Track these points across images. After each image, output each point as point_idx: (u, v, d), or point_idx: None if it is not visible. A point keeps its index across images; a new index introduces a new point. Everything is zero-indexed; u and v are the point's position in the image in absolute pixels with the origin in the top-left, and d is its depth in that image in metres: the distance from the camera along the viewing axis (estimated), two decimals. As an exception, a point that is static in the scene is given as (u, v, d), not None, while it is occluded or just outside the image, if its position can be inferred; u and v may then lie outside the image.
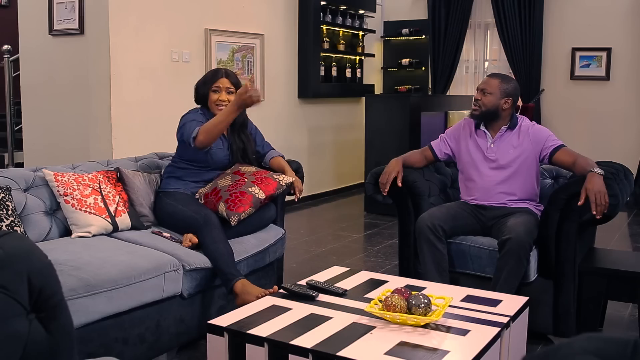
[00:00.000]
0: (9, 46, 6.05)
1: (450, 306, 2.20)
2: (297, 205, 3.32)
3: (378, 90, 7.65)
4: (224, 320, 2.08)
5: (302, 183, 3.40)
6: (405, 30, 7.49)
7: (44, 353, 1.47)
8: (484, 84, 3.11)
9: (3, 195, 2.55)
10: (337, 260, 4.33)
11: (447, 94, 7.32)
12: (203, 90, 3.16)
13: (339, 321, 2.07)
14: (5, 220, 2.50)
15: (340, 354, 1.83)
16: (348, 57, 7.04)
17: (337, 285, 2.43)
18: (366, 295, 2.35)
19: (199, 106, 3.23)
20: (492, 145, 3.11)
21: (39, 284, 1.48)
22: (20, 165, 5.66)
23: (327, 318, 2.10)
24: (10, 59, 6.04)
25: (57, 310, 1.52)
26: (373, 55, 7.40)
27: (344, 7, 6.73)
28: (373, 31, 7.33)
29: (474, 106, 3.12)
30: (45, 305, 1.49)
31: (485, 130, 3.14)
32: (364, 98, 6.64)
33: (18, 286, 1.44)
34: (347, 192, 7.17)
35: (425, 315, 2.06)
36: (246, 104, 2.93)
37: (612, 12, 6.55)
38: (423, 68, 7.50)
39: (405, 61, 7.52)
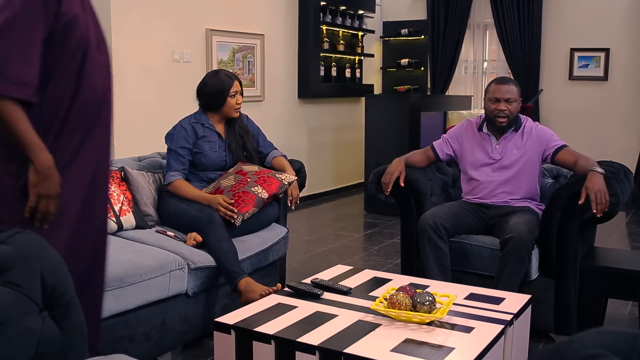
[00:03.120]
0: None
1: (454, 304, 2.23)
2: (297, 205, 3.34)
3: (377, 90, 7.67)
4: (231, 318, 2.10)
5: (305, 181, 3.43)
6: (404, 31, 7.51)
7: (56, 350, 1.49)
8: (508, 94, 3.07)
9: (9, 194, 2.56)
10: (338, 259, 4.35)
11: (446, 94, 7.34)
12: (221, 99, 3.17)
13: (344, 319, 2.09)
14: (11, 219, 2.51)
15: (346, 351, 1.85)
16: (347, 57, 7.06)
17: (341, 283, 2.45)
18: (370, 294, 2.37)
19: (196, 110, 3.25)
20: (496, 146, 3.14)
21: (51, 282, 1.50)
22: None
23: (333, 316, 2.12)
24: (11, 58, 6.04)
25: (69, 308, 1.54)
26: (372, 56, 7.42)
27: (344, 8, 6.75)
28: (372, 31, 7.35)
29: (502, 118, 3.07)
30: (57, 303, 1.51)
31: (489, 133, 3.16)
32: (363, 98, 6.66)
33: (31, 284, 1.46)
34: (347, 192, 7.19)
35: (430, 312, 2.08)
36: (213, 207, 2.97)
37: (610, 13, 6.58)
38: (422, 68, 7.53)
39: (404, 61, 7.54)
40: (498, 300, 2.32)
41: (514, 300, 2.33)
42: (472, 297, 2.35)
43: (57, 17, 1.74)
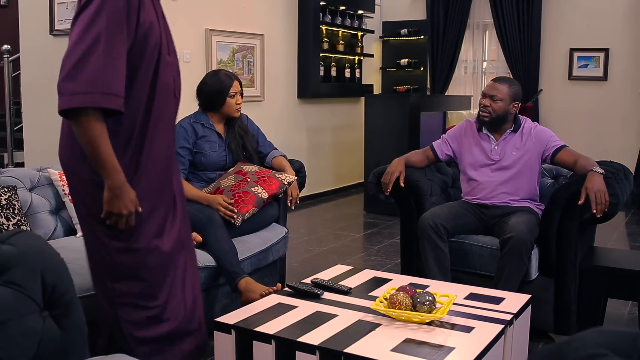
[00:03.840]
0: (9, 46, 6.06)
1: (454, 304, 2.23)
2: (297, 205, 3.34)
3: (377, 90, 7.67)
4: (231, 317, 2.10)
5: (305, 181, 3.43)
6: (404, 31, 7.52)
7: (57, 350, 1.50)
8: (493, 90, 3.08)
9: (9, 194, 2.57)
10: (337, 259, 4.36)
11: (446, 94, 7.35)
12: (220, 99, 3.17)
13: (344, 319, 2.10)
14: (11, 219, 2.51)
15: (347, 350, 1.85)
16: (347, 57, 7.06)
17: (341, 283, 2.46)
18: (370, 293, 2.37)
19: (197, 110, 3.25)
20: (495, 147, 3.14)
21: (52, 282, 1.50)
22: (20, 165, 5.66)
23: (333, 316, 2.12)
24: (10, 58, 6.04)
25: (69, 308, 1.54)
26: (372, 56, 7.42)
27: (343, 8, 6.75)
28: (372, 31, 7.35)
29: (483, 112, 3.09)
30: (58, 303, 1.51)
31: (489, 134, 3.17)
32: (363, 98, 6.66)
33: (32, 284, 1.46)
34: (347, 192, 7.20)
35: (430, 312, 2.09)
36: (213, 207, 2.97)
37: (610, 13, 6.59)
38: (422, 68, 7.53)
39: (404, 61, 7.55)
40: (498, 300, 2.32)
41: (514, 300, 2.33)
42: (472, 297, 2.36)
43: (137, 27, 1.85)
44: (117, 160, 1.85)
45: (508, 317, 2.15)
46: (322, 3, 6.40)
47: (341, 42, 6.91)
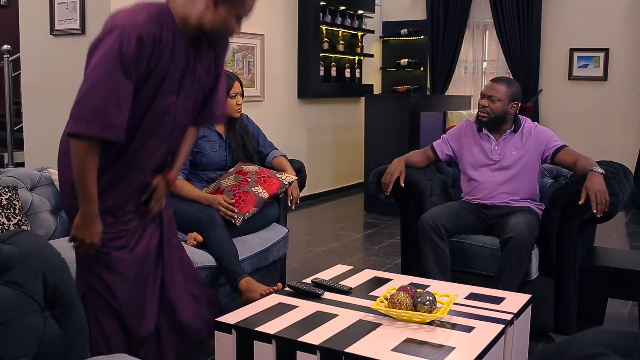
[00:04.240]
0: (9, 46, 6.06)
1: (454, 304, 2.23)
2: (297, 205, 3.34)
3: (377, 90, 7.67)
4: (232, 317, 2.11)
5: (305, 181, 3.43)
6: (404, 31, 7.52)
7: (58, 349, 1.50)
8: (491, 91, 3.09)
9: (10, 194, 2.57)
10: (338, 259, 4.36)
11: (446, 94, 7.35)
12: None
13: (345, 318, 2.10)
14: (12, 219, 2.52)
15: (347, 350, 1.85)
16: (347, 57, 7.07)
17: (341, 283, 2.46)
18: (371, 293, 2.37)
19: None
20: (495, 147, 3.14)
21: (53, 281, 1.50)
22: (20, 165, 5.67)
23: (334, 315, 2.12)
24: (10, 58, 6.04)
25: (70, 307, 1.54)
26: (372, 56, 7.42)
27: (343, 8, 6.76)
28: (372, 31, 7.36)
29: (482, 113, 3.10)
30: (59, 302, 1.52)
31: (489, 134, 3.17)
32: (363, 98, 6.67)
33: (33, 283, 1.46)
34: (347, 192, 7.20)
35: (430, 312, 2.09)
36: (214, 207, 2.97)
37: (610, 13, 6.59)
38: (422, 68, 7.54)
39: (404, 61, 7.55)
40: (498, 300, 2.32)
41: (514, 300, 2.33)
42: (472, 296, 2.36)
43: (147, 67, 1.92)
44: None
45: (508, 317, 2.16)
46: (322, 3, 6.40)
47: (341, 42, 6.91)
